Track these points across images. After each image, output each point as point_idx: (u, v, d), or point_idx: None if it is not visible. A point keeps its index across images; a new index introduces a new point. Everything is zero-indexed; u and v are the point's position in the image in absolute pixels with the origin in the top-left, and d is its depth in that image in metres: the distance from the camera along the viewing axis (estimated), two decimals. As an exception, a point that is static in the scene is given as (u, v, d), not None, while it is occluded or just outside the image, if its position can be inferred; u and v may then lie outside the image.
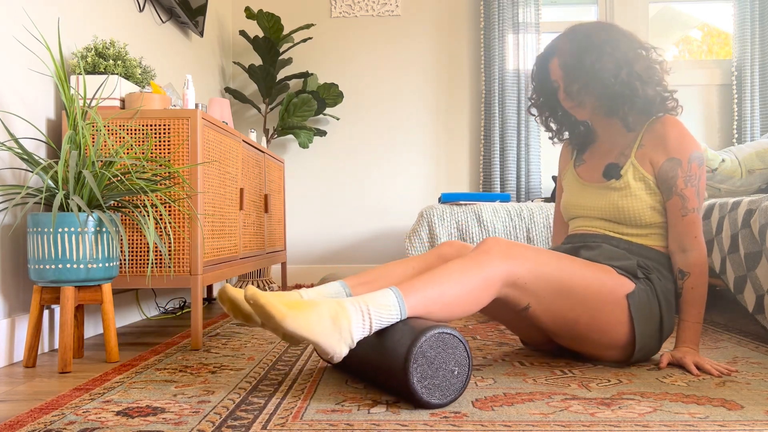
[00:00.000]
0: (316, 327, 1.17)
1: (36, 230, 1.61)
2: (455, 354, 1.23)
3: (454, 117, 3.95)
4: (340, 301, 1.23)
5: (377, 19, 3.95)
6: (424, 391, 1.20)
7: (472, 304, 1.35)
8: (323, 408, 1.22)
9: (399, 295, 1.26)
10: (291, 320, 1.16)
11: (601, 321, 1.48)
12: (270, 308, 1.16)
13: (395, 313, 1.25)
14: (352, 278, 1.52)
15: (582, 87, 1.58)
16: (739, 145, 3.05)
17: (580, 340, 1.54)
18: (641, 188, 1.58)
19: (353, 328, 1.20)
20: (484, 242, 1.43)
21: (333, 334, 1.18)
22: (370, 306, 1.23)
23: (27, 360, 1.67)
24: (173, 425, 1.12)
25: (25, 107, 1.86)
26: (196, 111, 1.95)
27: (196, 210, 1.93)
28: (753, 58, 3.72)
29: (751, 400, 1.26)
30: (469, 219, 2.76)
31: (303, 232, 3.96)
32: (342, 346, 1.20)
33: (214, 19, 3.72)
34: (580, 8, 4.09)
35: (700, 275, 1.54)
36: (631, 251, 1.59)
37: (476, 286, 1.34)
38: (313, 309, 1.19)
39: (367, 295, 1.26)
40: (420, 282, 1.31)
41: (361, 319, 1.21)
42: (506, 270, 1.38)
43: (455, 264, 1.36)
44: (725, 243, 2.06)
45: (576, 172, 1.75)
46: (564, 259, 1.47)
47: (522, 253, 1.42)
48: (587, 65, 1.56)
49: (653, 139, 1.58)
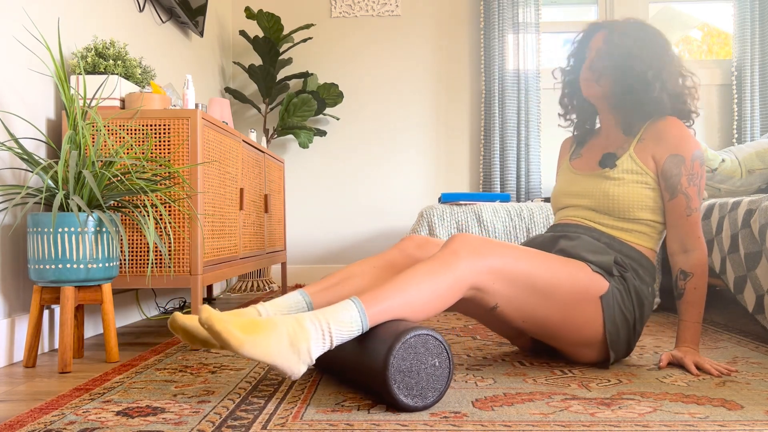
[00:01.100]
0: (274, 350, 1.14)
1: (36, 230, 1.61)
2: (428, 349, 1.20)
3: (454, 117, 3.95)
4: (299, 320, 1.19)
5: (377, 19, 3.95)
6: (417, 401, 1.19)
7: (439, 307, 1.32)
8: (323, 408, 1.22)
9: (361, 309, 1.23)
10: (249, 346, 1.13)
11: (573, 319, 1.45)
12: (226, 335, 1.12)
13: (356, 328, 1.21)
14: (314, 285, 1.49)
15: (610, 66, 1.58)
16: (739, 145, 3.05)
17: (552, 337, 1.51)
18: (635, 181, 1.57)
19: (312, 348, 1.17)
20: (451, 240, 1.39)
21: (291, 356, 1.16)
22: (331, 323, 1.19)
23: (27, 360, 1.67)
24: (173, 425, 1.12)
25: (25, 107, 1.86)
26: (196, 111, 1.95)
27: (196, 210, 1.93)
28: (753, 58, 3.72)
29: (751, 400, 1.26)
30: (469, 219, 2.76)
31: (303, 232, 3.96)
32: (300, 366, 1.17)
33: (214, 19, 3.72)
34: (580, 8, 4.09)
35: (702, 275, 1.54)
36: (612, 246, 1.57)
37: (444, 289, 1.31)
38: (271, 331, 1.16)
39: (328, 310, 1.22)
40: (384, 291, 1.26)
41: (321, 337, 1.18)
42: (475, 270, 1.34)
43: (422, 268, 1.32)
44: (725, 243, 2.06)
45: (571, 164, 1.75)
46: (536, 256, 1.43)
47: (491, 250, 1.38)
48: (628, 49, 1.56)
49: (654, 135, 1.58)
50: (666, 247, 1.63)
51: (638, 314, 1.53)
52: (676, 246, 1.57)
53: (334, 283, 1.50)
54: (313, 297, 1.46)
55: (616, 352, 1.52)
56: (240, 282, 3.62)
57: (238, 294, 3.53)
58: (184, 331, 1.29)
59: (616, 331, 1.49)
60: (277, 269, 4.11)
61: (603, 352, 1.54)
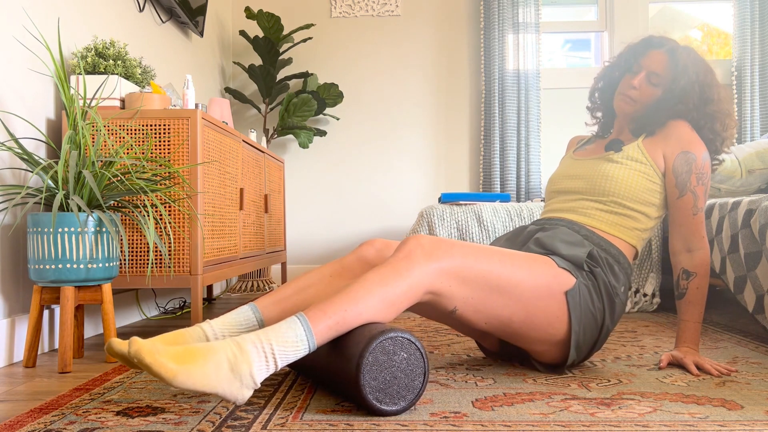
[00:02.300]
0: (213, 378, 1.07)
1: (36, 230, 1.62)
2: (394, 350, 1.17)
3: (454, 117, 3.95)
4: (240, 343, 1.12)
5: (377, 19, 3.95)
6: (405, 405, 1.18)
7: (393, 314, 1.26)
8: (323, 408, 1.22)
9: (307, 326, 1.16)
10: (184, 377, 1.05)
11: (536, 316, 1.39)
12: (158, 368, 1.04)
13: (302, 347, 1.15)
14: (265, 298, 1.43)
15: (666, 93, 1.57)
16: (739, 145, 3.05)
17: (517, 337, 1.45)
18: (637, 168, 1.56)
19: (255, 372, 1.11)
20: (404, 243, 1.32)
21: (233, 382, 1.09)
22: (274, 344, 1.13)
23: (27, 360, 1.67)
24: (173, 425, 1.12)
25: (25, 107, 1.86)
26: (196, 111, 1.95)
27: (196, 210, 1.93)
28: (753, 58, 3.72)
29: (751, 400, 1.26)
30: (469, 219, 2.76)
31: (303, 232, 3.96)
32: (244, 391, 1.11)
33: (214, 19, 3.72)
34: (580, 8, 4.09)
35: (704, 275, 1.53)
36: (589, 239, 1.52)
37: (397, 297, 1.24)
38: (208, 358, 1.08)
39: (272, 329, 1.15)
40: (332, 305, 1.20)
41: (264, 360, 1.12)
42: (429, 275, 1.28)
43: (373, 276, 1.25)
44: (725, 243, 2.06)
45: (573, 154, 1.74)
46: (493, 254, 1.37)
47: (447, 251, 1.31)
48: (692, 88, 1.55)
49: (665, 132, 1.58)
50: (668, 246, 1.62)
51: (608, 312, 1.46)
52: (680, 245, 1.56)
53: (286, 295, 1.44)
54: (264, 311, 1.39)
55: (578, 352, 1.46)
56: (240, 282, 3.62)
57: (238, 294, 3.53)
58: (122, 357, 1.14)
59: (581, 329, 1.43)
60: (277, 269, 4.11)
61: (564, 351, 1.47)
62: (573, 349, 1.43)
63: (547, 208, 1.70)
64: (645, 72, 1.59)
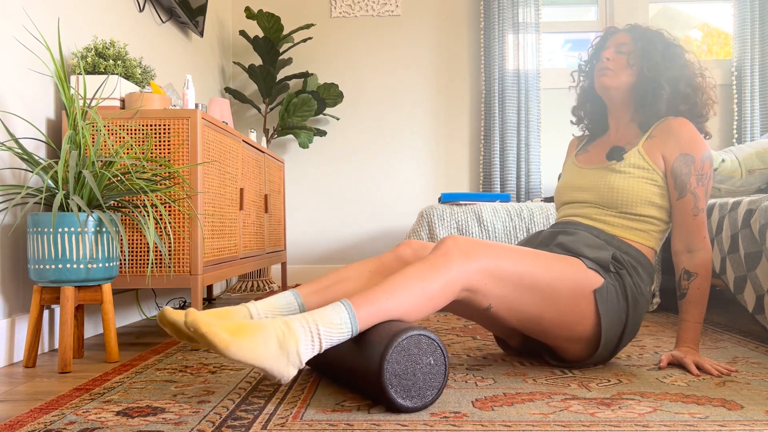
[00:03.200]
0: (262, 352, 1.12)
1: (36, 230, 1.62)
2: (421, 349, 1.20)
3: (454, 117, 3.95)
4: (288, 322, 1.17)
5: (377, 19, 3.95)
6: (416, 401, 1.19)
7: (430, 309, 1.31)
8: (323, 408, 1.22)
9: (351, 311, 1.21)
10: (235, 348, 1.11)
11: (566, 315, 1.44)
12: (212, 337, 1.10)
13: (346, 330, 1.20)
14: (306, 286, 1.48)
15: (635, 57, 1.59)
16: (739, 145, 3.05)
17: (546, 334, 1.49)
18: (641, 176, 1.56)
19: (301, 350, 1.16)
20: (442, 243, 1.37)
21: (280, 359, 1.14)
22: (320, 325, 1.18)
23: (27, 360, 1.67)
24: (173, 425, 1.12)
25: (25, 107, 1.86)
26: (196, 111, 1.95)
27: (196, 210, 1.93)
28: (753, 58, 3.72)
29: (751, 400, 1.26)
30: (469, 219, 2.76)
31: (303, 232, 3.96)
32: (290, 369, 1.16)
33: (214, 19, 3.72)
34: (580, 8, 4.09)
35: (706, 276, 1.54)
36: (611, 243, 1.56)
37: (435, 292, 1.29)
38: (258, 333, 1.14)
39: (318, 312, 1.21)
40: (374, 293, 1.25)
41: (309, 340, 1.17)
42: (466, 273, 1.33)
43: (412, 270, 1.30)
44: (725, 243, 2.06)
45: (576, 159, 1.75)
46: (526, 255, 1.42)
47: (482, 251, 1.37)
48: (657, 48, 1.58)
49: (665, 133, 1.58)
50: (669, 247, 1.62)
51: (632, 313, 1.50)
52: (681, 245, 1.56)
53: (326, 285, 1.49)
54: (306, 298, 1.45)
55: (605, 349, 1.50)
56: (240, 282, 3.62)
57: (238, 294, 3.53)
58: (172, 326, 1.26)
59: (609, 327, 1.47)
60: (277, 269, 4.11)
61: (592, 348, 1.52)
62: (602, 347, 1.48)
63: (560, 214, 1.72)
64: (613, 47, 1.64)
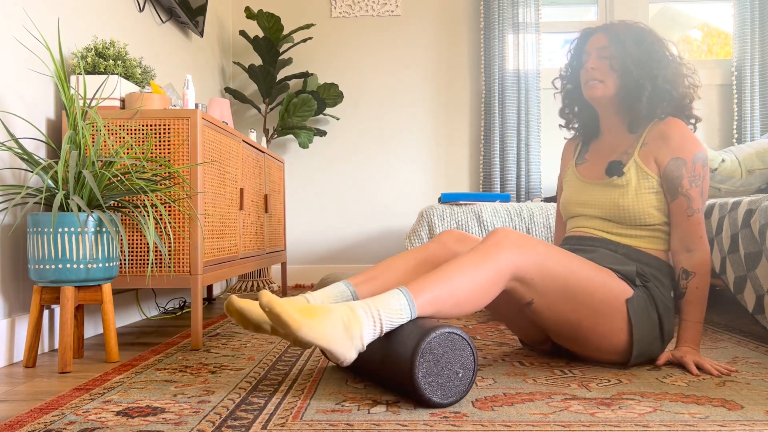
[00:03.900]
0: (329, 334, 1.18)
1: (36, 230, 1.61)
2: (462, 356, 1.24)
3: (454, 117, 3.95)
4: (352, 307, 1.23)
5: (377, 19, 3.95)
6: (427, 387, 1.20)
7: (482, 299, 1.34)
8: (323, 408, 1.22)
9: (409, 297, 1.26)
10: (306, 329, 1.17)
11: (602, 326, 1.47)
12: (285, 317, 1.17)
13: (406, 316, 1.25)
14: (356, 277, 1.52)
15: (616, 64, 1.59)
16: (739, 145, 3.05)
17: (579, 342, 1.53)
18: (644, 187, 1.57)
19: (365, 334, 1.21)
20: (494, 233, 1.41)
21: (345, 341, 1.19)
22: (381, 311, 1.23)
23: (27, 360, 1.67)
24: (173, 425, 1.12)
25: (25, 107, 1.86)
26: (196, 111, 1.95)
27: (196, 210, 1.93)
28: (753, 58, 3.72)
29: (751, 400, 1.26)
30: (469, 219, 2.76)
31: (303, 232, 3.96)
32: (353, 352, 1.21)
33: (214, 19, 3.72)
34: (580, 8, 4.09)
35: (704, 275, 1.54)
36: (629, 256, 1.58)
37: (487, 280, 1.33)
38: (327, 316, 1.20)
39: (378, 298, 1.26)
40: (430, 281, 1.30)
41: (372, 325, 1.22)
42: (516, 262, 1.37)
43: (466, 259, 1.35)
44: (725, 243, 2.06)
45: (577, 170, 1.75)
46: (573, 259, 1.45)
47: (533, 246, 1.40)
48: (634, 47, 1.57)
49: (657, 138, 1.58)
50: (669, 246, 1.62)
51: (666, 324, 1.53)
52: (678, 245, 1.57)
53: (374, 275, 1.53)
54: (357, 287, 1.48)
55: (643, 358, 1.53)
56: (240, 282, 3.62)
57: (238, 294, 3.53)
58: (239, 314, 1.34)
59: (641, 338, 1.49)
60: (277, 269, 4.11)
61: (625, 358, 1.55)
62: (634, 358, 1.51)
63: (572, 225, 1.72)
64: (593, 52, 1.63)
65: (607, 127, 1.71)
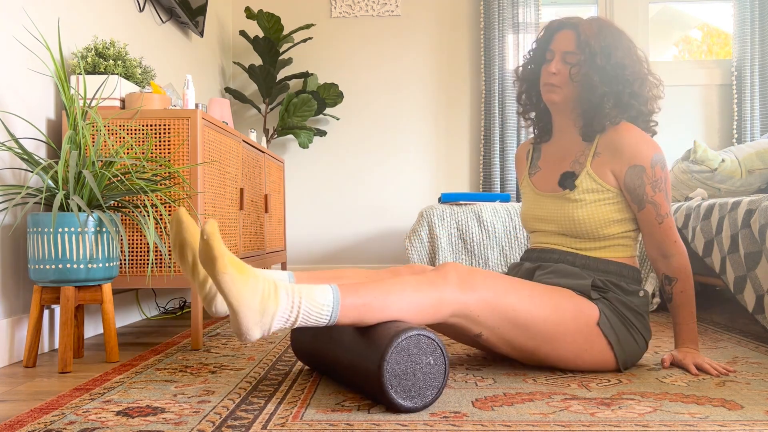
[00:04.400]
0: (245, 297, 1.13)
1: (36, 230, 1.62)
2: (421, 349, 1.20)
3: (454, 117, 3.95)
4: (277, 284, 1.17)
5: (377, 19, 3.95)
6: (416, 401, 1.19)
7: (415, 321, 1.30)
8: (323, 408, 1.22)
9: (337, 295, 1.21)
10: (228, 278, 1.12)
11: (563, 349, 1.45)
12: (217, 254, 1.11)
13: (326, 313, 1.20)
14: (302, 273, 1.49)
15: (580, 72, 1.52)
16: (739, 145, 3.05)
17: (543, 363, 1.51)
18: (597, 199, 1.54)
19: (277, 317, 1.16)
20: (443, 266, 1.38)
21: (255, 314, 1.14)
22: (303, 300, 1.18)
23: (27, 360, 1.67)
24: (173, 425, 1.12)
25: (25, 107, 1.86)
26: (196, 111, 1.96)
27: (196, 210, 1.93)
28: (753, 58, 3.72)
29: (751, 400, 1.26)
30: (469, 219, 2.76)
31: (303, 232, 3.96)
32: (256, 330, 1.15)
33: (214, 19, 3.72)
34: (580, 8, 4.09)
35: (686, 278, 1.53)
36: (588, 267, 1.54)
37: (425, 306, 1.29)
38: (250, 279, 1.14)
39: (306, 287, 1.20)
40: (365, 288, 1.25)
41: (288, 311, 1.17)
42: (460, 300, 1.33)
43: (409, 279, 1.31)
44: (725, 243, 2.06)
45: (531, 181, 1.70)
46: (523, 290, 1.41)
47: (480, 283, 1.36)
48: (603, 59, 1.50)
49: (610, 148, 1.54)
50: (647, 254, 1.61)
51: (638, 323, 1.51)
52: (655, 252, 1.56)
53: (321, 276, 1.50)
54: (299, 280, 1.45)
55: (625, 367, 1.52)
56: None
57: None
58: (178, 226, 1.28)
59: (622, 349, 1.48)
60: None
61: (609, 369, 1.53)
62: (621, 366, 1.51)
63: (533, 239, 1.71)
64: (558, 54, 1.56)
65: (559, 129, 1.66)
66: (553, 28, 1.61)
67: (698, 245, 2.27)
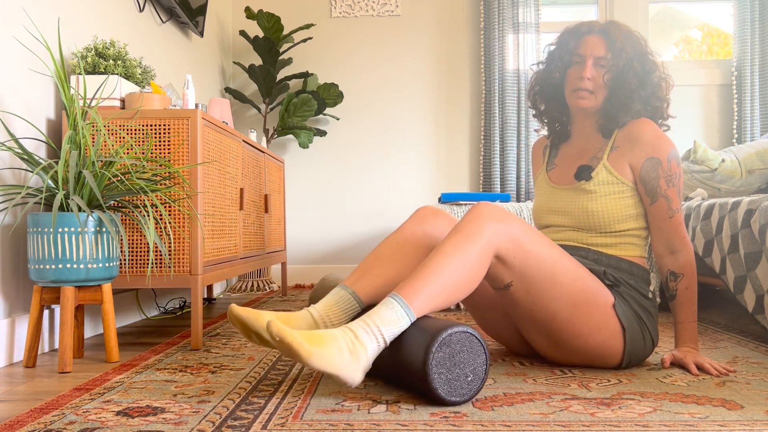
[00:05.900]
0: (337, 361, 1.20)
1: (36, 230, 1.62)
2: (475, 360, 1.25)
3: (454, 117, 3.95)
4: (354, 330, 1.24)
5: (377, 19, 3.95)
6: (435, 377, 1.21)
7: (472, 282, 1.33)
8: (323, 408, 1.22)
9: (403, 303, 1.27)
10: (317, 358, 1.18)
11: (580, 321, 1.44)
12: (297, 347, 1.18)
13: (404, 322, 1.26)
14: (350, 277, 1.50)
15: (613, 75, 1.56)
16: (739, 145, 3.05)
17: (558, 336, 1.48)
18: (612, 192, 1.55)
19: (369, 354, 1.23)
20: (474, 208, 1.39)
21: (351, 365, 1.21)
22: (381, 326, 1.25)
23: (27, 360, 1.67)
24: (173, 425, 1.12)
25: (25, 107, 1.86)
26: (196, 111, 1.95)
27: (196, 210, 1.93)
28: (753, 58, 3.72)
29: (751, 400, 1.26)
30: (469, 219, 2.76)
31: (303, 232, 3.96)
32: (359, 374, 1.22)
33: (214, 19, 3.72)
34: (580, 8, 4.09)
35: (692, 275, 1.54)
36: (600, 262, 1.55)
37: (474, 263, 1.32)
38: (332, 343, 1.21)
39: (375, 313, 1.26)
40: (419, 280, 1.29)
41: (375, 342, 1.24)
42: (498, 234, 1.35)
43: (448, 245, 1.33)
44: (725, 243, 2.06)
45: (548, 176, 1.72)
46: (553, 244, 1.44)
47: (514, 219, 1.39)
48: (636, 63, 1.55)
49: (628, 140, 1.56)
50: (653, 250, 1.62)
51: (648, 324, 1.52)
52: (663, 248, 1.57)
53: (365, 269, 1.51)
54: (355, 287, 1.47)
55: (629, 362, 1.52)
56: (240, 282, 3.62)
57: (238, 294, 3.53)
58: (242, 324, 1.35)
59: (632, 338, 1.49)
60: (277, 269, 4.11)
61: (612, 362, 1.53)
62: (626, 362, 1.51)
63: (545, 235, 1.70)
64: (591, 59, 1.57)
65: (578, 129, 1.68)
66: (580, 32, 1.61)
67: (698, 245, 2.27)
